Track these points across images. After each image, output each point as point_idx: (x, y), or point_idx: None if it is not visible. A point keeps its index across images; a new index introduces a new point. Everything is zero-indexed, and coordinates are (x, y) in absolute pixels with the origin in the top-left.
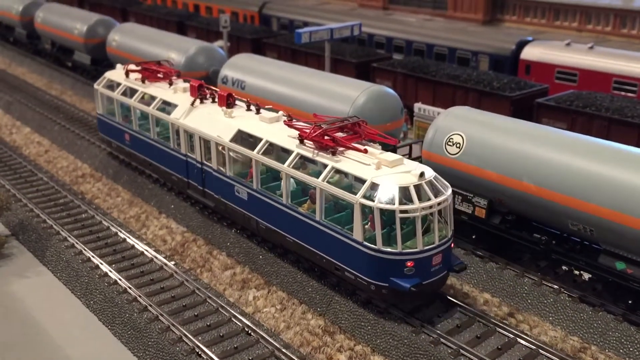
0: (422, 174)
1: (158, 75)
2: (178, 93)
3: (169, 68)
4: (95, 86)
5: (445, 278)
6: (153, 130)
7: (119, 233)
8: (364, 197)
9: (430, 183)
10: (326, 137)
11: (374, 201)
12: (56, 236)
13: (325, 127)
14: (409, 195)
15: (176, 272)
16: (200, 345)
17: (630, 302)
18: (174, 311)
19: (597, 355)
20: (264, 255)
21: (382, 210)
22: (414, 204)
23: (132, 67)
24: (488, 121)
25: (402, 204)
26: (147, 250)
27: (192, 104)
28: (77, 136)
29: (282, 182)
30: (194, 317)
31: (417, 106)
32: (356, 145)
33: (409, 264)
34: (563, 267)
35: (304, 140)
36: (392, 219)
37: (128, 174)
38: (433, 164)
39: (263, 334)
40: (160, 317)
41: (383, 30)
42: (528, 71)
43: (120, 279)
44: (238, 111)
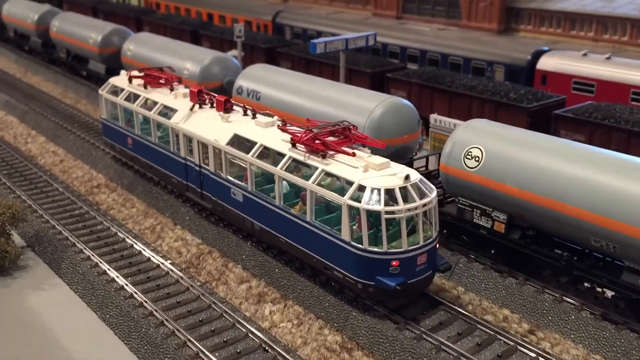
0: (408, 177)
1: (160, 81)
2: (178, 98)
3: (171, 74)
4: (100, 92)
5: (430, 277)
6: (154, 134)
7: (135, 245)
8: (351, 199)
9: (415, 185)
10: (317, 141)
11: (361, 202)
12: (72, 248)
13: (316, 132)
14: (395, 197)
15: (192, 286)
16: None
17: None
18: (190, 326)
19: None
20: (280, 268)
21: (368, 211)
22: (399, 206)
23: (135, 73)
24: (507, 134)
25: (388, 205)
26: (163, 263)
27: (191, 109)
28: (92, 146)
29: (275, 185)
30: (211, 333)
31: (433, 117)
32: (345, 149)
33: (394, 264)
34: (585, 284)
35: (296, 144)
36: (378, 220)
37: (143, 185)
38: (451, 178)
39: (280, 350)
40: (176, 332)
41: (397, 39)
42: (544, 82)
43: (136, 293)
44: (235, 116)
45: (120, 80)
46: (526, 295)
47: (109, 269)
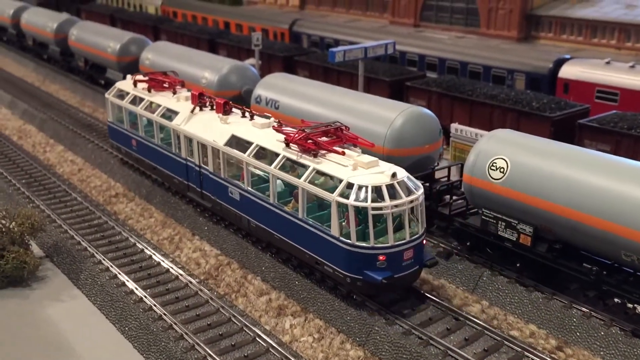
0: (395, 175)
1: (163, 85)
2: (180, 101)
3: (174, 78)
4: (106, 95)
5: (417, 272)
6: (157, 136)
7: (153, 256)
8: (340, 196)
9: (402, 183)
10: (309, 141)
11: (349, 199)
12: (90, 259)
13: (308, 132)
14: (382, 193)
15: (211, 298)
16: None
17: None
18: (210, 340)
19: None
20: (300, 280)
21: (356, 207)
22: (385, 202)
23: (140, 77)
24: (533, 145)
25: (375, 202)
26: (182, 274)
27: (192, 111)
28: (110, 155)
29: (270, 183)
30: (231, 347)
31: (454, 126)
32: (336, 148)
33: (381, 258)
34: (614, 299)
35: (290, 143)
36: (366, 216)
37: (161, 194)
38: (475, 189)
39: None
40: (196, 346)
41: (415, 47)
42: (566, 90)
43: (155, 305)
44: (233, 118)
45: (125, 84)
46: (553, 310)
47: (128, 280)
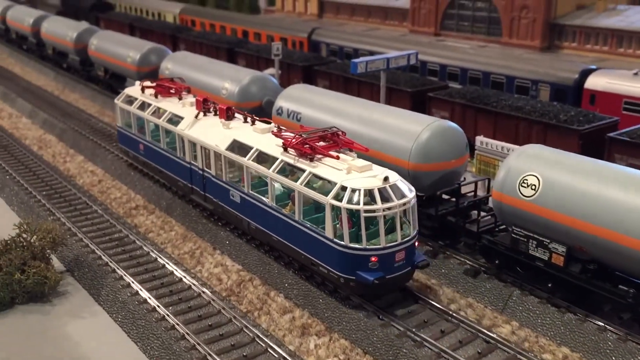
0: (387, 178)
1: (170, 91)
2: (185, 107)
3: (180, 84)
4: (115, 101)
5: (409, 274)
6: (163, 140)
7: (175, 272)
8: (334, 199)
9: (394, 186)
10: (305, 146)
11: (342, 202)
12: (112, 274)
13: (305, 137)
14: (374, 196)
15: (234, 317)
16: None
17: None
18: None
19: None
20: (324, 298)
21: (349, 210)
22: (377, 205)
23: (147, 84)
24: (566, 161)
25: (367, 205)
26: (204, 291)
27: (196, 117)
28: (130, 166)
29: (268, 186)
30: None
31: (479, 139)
32: (331, 152)
33: (373, 259)
34: None
35: (287, 148)
36: (359, 218)
37: (181, 207)
38: (505, 206)
39: None
40: None
41: (436, 57)
42: (593, 101)
43: (177, 324)
44: (235, 123)
45: (134, 90)
46: (587, 332)
47: (150, 298)
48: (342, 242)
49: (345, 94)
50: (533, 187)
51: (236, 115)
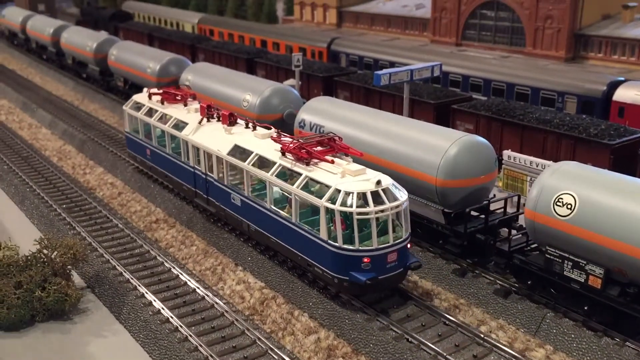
0: (379, 182)
1: (176, 97)
2: (190, 113)
3: (186, 91)
4: (123, 107)
5: (401, 274)
6: (168, 145)
7: (197, 290)
8: (328, 201)
9: (386, 190)
10: (302, 150)
11: (335, 204)
12: (133, 292)
13: (302, 142)
14: (366, 199)
15: (259, 339)
16: None
17: None
18: None
19: None
20: (350, 318)
21: (342, 212)
22: (370, 207)
23: (154, 91)
24: (604, 180)
25: (360, 207)
26: (227, 311)
27: (200, 122)
28: (150, 179)
29: (267, 190)
30: None
31: (507, 154)
32: (327, 157)
33: (366, 260)
34: None
35: (285, 152)
36: (352, 221)
37: (202, 222)
38: (538, 225)
39: None
40: None
41: (459, 67)
42: (621, 114)
43: (200, 345)
44: (237, 128)
45: (141, 97)
46: (625, 358)
47: (172, 317)
48: (336, 244)
49: (369, 107)
50: (569, 207)
51: (238, 121)
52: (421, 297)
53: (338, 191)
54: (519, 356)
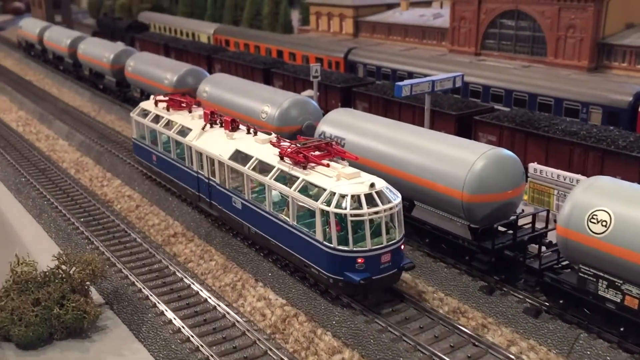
0: (373, 185)
1: (181, 104)
2: (194, 119)
3: (190, 98)
4: (131, 114)
5: (395, 275)
6: (173, 151)
7: (218, 307)
8: (323, 204)
9: (380, 193)
10: (299, 154)
11: (330, 206)
12: (152, 309)
13: (299, 146)
14: (360, 202)
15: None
16: None
17: None
18: None
19: None
20: (375, 337)
21: (337, 214)
22: (363, 209)
23: (160, 98)
24: None
25: (354, 209)
26: (248, 330)
27: (203, 128)
28: (168, 192)
29: (266, 193)
30: None
31: (533, 166)
32: (323, 161)
33: (360, 261)
34: None
35: (283, 157)
36: (347, 222)
37: (221, 236)
38: (571, 243)
39: None
40: None
41: (479, 77)
42: None
43: None
44: (239, 134)
45: (148, 104)
46: None
47: (192, 336)
48: (331, 245)
49: (391, 119)
50: (604, 224)
51: (240, 126)
52: (448, 316)
53: (333, 194)
54: None
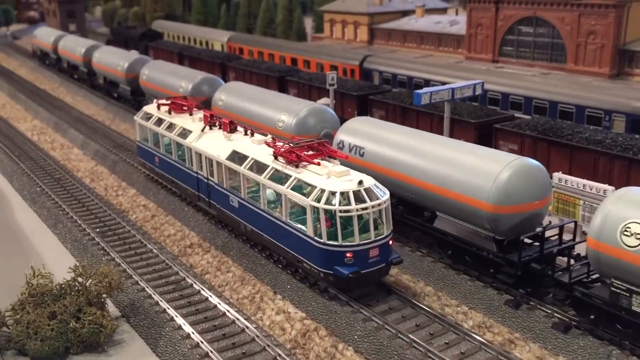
0: (361, 182)
1: (183, 107)
2: (195, 122)
3: (191, 102)
4: (134, 117)
5: (384, 269)
6: (175, 152)
7: (237, 321)
8: (314, 200)
9: (368, 190)
10: (292, 154)
11: (320, 203)
12: (170, 322)
13: (292, 146)
14: (349, 198)
15: None
16: None
17: None
18: None
19: None
20: (399, 353)
21: (326, 210)
22: (352, 206)
23: (162, 101)
24: None
25: (342, 205)
26: (269, 345)
27: (202, 130)
28: (184, 201)
29: (260, 191)
30: None
31: (558, 176)
32: (315, 160)
33: (349, 255)
34: None
35: (277, 156)
36: (336, 218)
37: (238, 247)
38: (603, 256)
39: None
40: None
41: (498, 85)
42: None
43: None
44: (236, 135)
45: (151, 107)
46: None
47: (211, 351)
48: (321, 240)
49: (411, 128)
50: (638, 237)
51: (238, 128)
52: (473, 330)
53: (323, 191)
54: None
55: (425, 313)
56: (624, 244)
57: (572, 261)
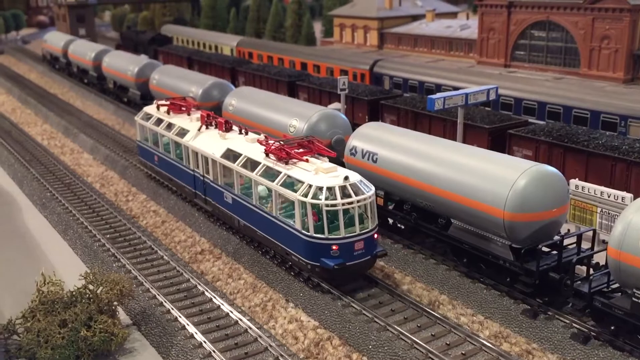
0: (347, 178)
1: (181, 108)
2: (192, 121)
3: (190, 102)
4: (135, 118)
5: (369, 262)
6: (173, 151)
7: (249, 330)
8: (301, 195)
9: (353, 185)
10: (282, 151)
11: (307, 197)
12: (182, 331)
13: (282, 143)
14: (334, 193)
15: None
16: None
17: None
18: None
19: None
20: None
21: (313, 204)
22: (337, 200)
23: (162, 102)
24: None
25: (328, 200)
26: (282, 355)
27: (199, 129)
28: (194, 207)
29: (252, 187)
30: None
31: (574, 183)
32: (304, 157)
33: (334, 247)
34: None
35: (268, 153)
36: (322, 212)
37: (250, 253)
38: (624, 266)
39: None
40: None
41: (511, 90)
42: None
43: None
44: (231, 134)
45: (151, 108)
46: None
47: None
48: (308, 233)
49: (425, 134)
50: None
51: (233, 127)
52: (489, 340)
53: (310, 186)
54: None
55: (441, 322)
56: None
57: (592, 270)
